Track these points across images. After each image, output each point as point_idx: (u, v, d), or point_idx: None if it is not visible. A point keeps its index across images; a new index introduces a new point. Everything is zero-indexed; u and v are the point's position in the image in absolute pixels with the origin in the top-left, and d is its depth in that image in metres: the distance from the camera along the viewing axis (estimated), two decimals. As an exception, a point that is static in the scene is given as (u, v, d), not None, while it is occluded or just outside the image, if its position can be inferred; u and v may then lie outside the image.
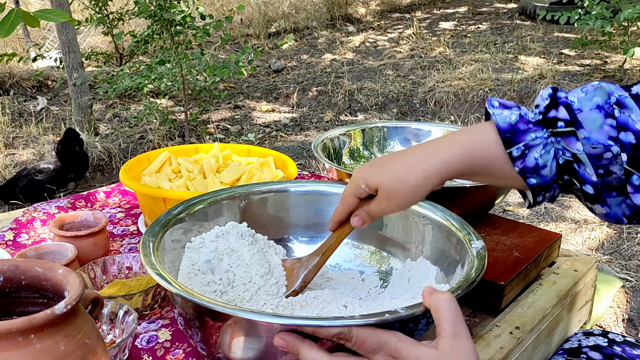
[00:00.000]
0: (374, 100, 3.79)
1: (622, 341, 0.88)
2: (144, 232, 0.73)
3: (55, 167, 2.68)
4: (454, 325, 0.54)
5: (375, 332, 0.55)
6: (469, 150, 0.63)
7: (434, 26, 5.75)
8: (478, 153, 0.63)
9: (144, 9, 3.18)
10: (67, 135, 2.73)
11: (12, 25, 1.20)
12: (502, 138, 0.61)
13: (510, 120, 0.61)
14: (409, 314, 0.56)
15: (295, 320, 0.56)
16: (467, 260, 0.69)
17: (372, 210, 0.69)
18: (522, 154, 0.61)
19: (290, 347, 0.56)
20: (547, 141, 0.60)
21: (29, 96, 4.17)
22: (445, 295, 0.56)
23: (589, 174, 0.59)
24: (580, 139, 0.58)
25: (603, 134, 0.57)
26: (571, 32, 5.01)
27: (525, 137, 0.61)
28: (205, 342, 0.64)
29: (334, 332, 0.55)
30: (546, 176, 0.61)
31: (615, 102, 0.58)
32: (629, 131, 0.57)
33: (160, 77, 3.15)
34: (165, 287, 0.61)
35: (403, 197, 0.65)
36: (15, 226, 1.13)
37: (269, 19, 5.80)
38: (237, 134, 3.47)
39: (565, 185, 0.62)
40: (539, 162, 0.60)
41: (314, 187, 0.91)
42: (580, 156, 0.58)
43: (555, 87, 0.62)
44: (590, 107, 0.58)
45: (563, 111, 0.59)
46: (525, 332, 0.83)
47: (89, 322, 0.56)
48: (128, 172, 1.06)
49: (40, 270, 0.57)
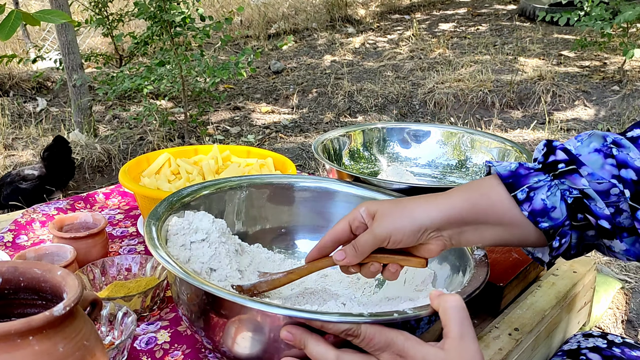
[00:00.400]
0: (374, 102, 3.79)
1: (621, 342, 0.88)
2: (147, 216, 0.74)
3: (40, 174, 2.59)
4: (461, 326, 0.54)
5: (383, 330, 0.55)
6: (473, 189, 0.62)
7: (434, 27, 5.76)
8: (481, 192, 0.62)
9: (144, 10, 3.18)
10: (55, 142, 2.65)
11: (12, 28, 1.20)
12: (505, 184, 0.61)
13: (510, 168, 0.62)
14: (417, 314, 0.57)
15: (305, 314, 0.56)
16: (468, 267, 0.69)
17: (359, 239, 0.64)
18: (528, 197, 0.60)
19: (297, 341, 0.57)
20: (551, 184, 0.60)
21: (29, 97, 4.17)
22: (454, 297, 0.56)
23: (600, 208, 0.58)
24: (584, 176, 0.58)
25: (605, 172, 0.58)
26: (571, 34, 5.02)
27: (528, 180, 0.61)
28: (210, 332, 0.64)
29: (343, 328, 0.55)
30: (557, 219, 0.60)
31: (612, 142, 0.59)
32: (629, 168, 0.58)
33: (160, 78, 3.15)
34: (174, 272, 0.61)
35: (397, 219, 0.62)
36: (15, 227, 1.13)
37: (268, 20, 5.81)
38: (236, 135, 3.47)
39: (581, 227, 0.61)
40: (546, 203, 0.60)
41: (320, 184, 0.91)
42: (587, 191, 0.58)
43: (549, 139, 0.63)
44: (589, 151, 0.60)
45: (561, 153, 0.60)
46: (525, 334, 0.83)
47: (88, 324, 0.56)
48: (127, 174, 1.06)
49: (39, 271, 0.57)
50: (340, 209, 0.90)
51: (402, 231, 0.61)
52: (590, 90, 3.74)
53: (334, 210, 0.90)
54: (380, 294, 0.79)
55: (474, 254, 0.71)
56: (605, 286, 1.42)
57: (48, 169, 2.62)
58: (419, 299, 0.69)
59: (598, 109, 3.53)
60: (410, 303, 0.69)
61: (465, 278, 0.68)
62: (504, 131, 3.36)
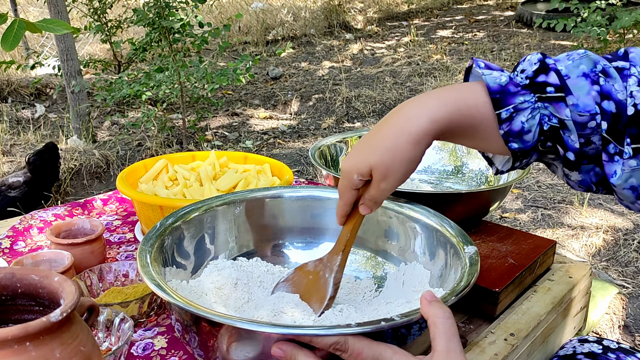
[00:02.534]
0: (372, 108, 3.80)
1: (616, 348, 0.88)
2: (141, 242, 0.74)
3: (25, 179, 2.54)
4: (448, 342, 0.55)
5: (372, 345, 0.55)
6: (459, 107, 0.62)
7: (432, 34, 5.78)
8: (467, 111, 0.62)
9: (143, 17, 3.19)
10: (45, 148, 2.62)
11: (16, 38, 1.21)
12: (492, 99, 0.61)
13: (500, 82, 0.61)
14: (404, 321, 0.57)
15: (292, 330, 0.56)
16: (460, 266, 0.70)
17: (373, 195, 0.68)
18: (510, 117, 0.60)
19: (288, 357, 0.57)
20: (534, 106, 0.60)
21: (27, 104, 4.18)
22: (443, 311, 0.56)
23: (572, 141, 0.59)
24: (568, 105, 0.58)
25: (590, 99, 0.58)
26: (568, 40, 5.04)
27: (515, 100, 0.60)
28: (202, 349, 0.64)
29: (330, 342, 0.55)
30: (528, 142, 0.61)
31: (600, 71, 0.59)
32: (611, 100, 0.57)
33: (158, 84, 3.16)
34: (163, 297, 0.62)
35: (400, 169, 0.63)
36: (12, 234, 1.13)
37: (267, 26, 5.83)
38: (235, 141, 3.48)
39: (544, 152, 0.63)
40: (524, 126, 0.60)
41: (309, 193, 0.91)
42: (567, 123, 0.58)
43: (544, 53, 0.62)
44: (577, 74, 0.59)
45: (554, 76, 0.59)
46: (520, 339, 0.83)
47: (85, 330, 0.56)
48: (125, 180, 1.07)
49: (36, 278, 0.57)
50: (331, 217, 0.90)
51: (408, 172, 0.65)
52: (587, 96, 3.75)
53: (325, 218, 0.90)
54: (380, 297, 0.80)
55: (465, 252, 0.72)
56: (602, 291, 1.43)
57: (33, 173, 2.56)
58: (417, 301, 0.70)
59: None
60: (408, 306, 0.70)
61: (457, 275, 0.68)
62: (501, 137, 3.36)
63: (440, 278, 0.75)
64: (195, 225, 0.83)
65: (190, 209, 0.84)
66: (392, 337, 0.58)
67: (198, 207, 0.85)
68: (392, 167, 0.63)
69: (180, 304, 0.60)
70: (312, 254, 0.88)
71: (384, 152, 0.63)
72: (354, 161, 0.66)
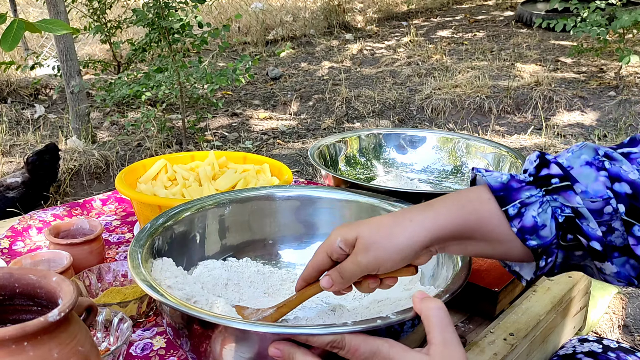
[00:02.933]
0: (372, 108, 3.80)
1: (616, 347, 0.88)
2: (131, 243, 0.74)
3: (23, 180, 2.51)
4: (444, 332, 0.55)
5: (368, 340, 0.55)
6: (463, 203, 0.60)
7: (431, 34, 5.78)
8: (471, 207, 0.59)
9: (142, 17, 3.19)
10: (46, 149, 2.59)
11: (16, 38, 1.21)
12: (496, 197, 0.59)
13: (502, 180, 0.59)
14: (400, 319, 0.57)
15: (288, 329, 0.56)
16: (452, 264, 0.70)
17: (344, 267, 0.62)
18: (519, 213, 0.58)
19: (286, 356, 0.57)
20: (542, 199, 0.58)
21: (27, 104, 4.18)
22: (435, 303, 0.56)
23: (593, 229, 0.56)
24: (578, 193, 0.56)
25: (600, 184, 0.56)
26: (567, 40, 5.04)
27: (520, 195, 0.58)
28: (195, 351, 0.64)
29: (327, 340, 0.55)
30: (546, 237, 0.58)
31: (604, 155, 0.58)
32: (622, 182, 0.56)
33: (158, 85, 3.16)
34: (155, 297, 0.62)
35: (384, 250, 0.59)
36: (11, 234, 1.13)
37: (266, 27, 5.82)
38: (234, 142, 3.48)
39: (569, 247, 0.59)
40: (537, 221, 0.57)
41: (301, 192, 0.91)
42: (581, 210, 0.56)
43: (541, 151, 0.61)
44: (580, 163, 0.57)
45: (555, 167, 0.58)
46: (520, 339, 0.83)
47: (83, 330, 0.56)
48: (124, 180, 1.07)
49: (34, 277, 0.57)
50: (322, 215, 0.90)
51: (392, 260, 0.60)
52: (587, 95, 3.75)
53: (317, 217, 0.90)
54: (370, 296, 0.80)
55: None
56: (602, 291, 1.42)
57: (32, 173, 2.54)
58: (408, 299, 0.70)
59: (595, 115, 3.55)
60: (399, 304, 0.70)
61: (450, 273, 0.68)
62: (501, 137, 3.37)
63: (432, 277, 0.75)
64: (185, 225, 0.83)
65: (181, 209, 0.84)
66: (386, 334, 0.58)
67: (189, 207, 0.85)
68: (378, 244, 0.60)
69: (173, 304, 0.60)
70: (304, 253, 0.88)
71: (378, 227, 0.61)
72: (345, 228, 0.63)
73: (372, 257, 0.60)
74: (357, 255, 0.61)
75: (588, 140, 3.22)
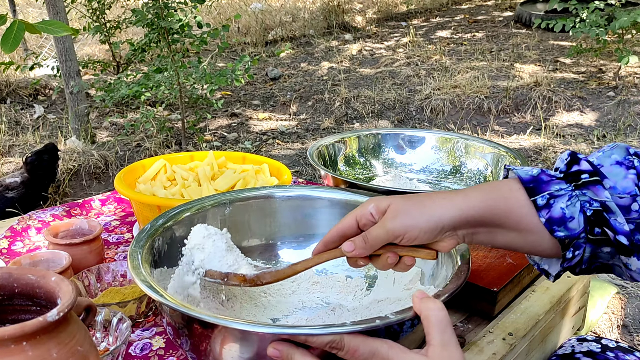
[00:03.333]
0: (371, 108, 3.80)
1: (615, 347, 0.88)
2: (131, 244, 0.74)
3: (22, 180, 2.51)
4: (443, 334, 0.55)
5: (367, 341, 0.55)
6: (493, 190, 0.61)
7: (431, 34, 5.78)
8: (500, 194, 0.61)
9: (142, 17, 3.19)
10: (45, 149, 2.58)
11: (16, 40, 1.21)
12: (525, 188, 0.60)
13: (532, 173, 0.61)
14: (399, 319, 0.57)
15: (287, 330, 0.56)
16: (452, 263, 0.70)
17: (370, 231, 0.62)
18: (547, 203, 0.59)
19: (285, 356, 0.57)
20: (572, 193, 0.59)
21: (26, 104, 4.18)
22: (435, 304, 0.56)
23: (620, 224, 0.57)
24: (606, 188, 0.58)
25: (629, 182, 0.57)
26: (566, 40, 5.04)
27: (550, 187, 0.59)
28: (194, 351, 0.64)
29: (326, 341, 0.55)
30: (574, 230, 0.59)
31: (634, 153, 0.59)
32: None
33: (157, 85, 3.16)
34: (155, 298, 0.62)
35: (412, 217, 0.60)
36: (10, 234, 1.13)
37: (266, 27, 5.82)
38: (234, 142, 3.48)
39: (597, 242, 0.60)
40: (565, 212, 0.58)
41: (300, 192, 0.91)
42: (609, 204, 0.57)
43: (573, 151, 0.62)
44: (611, 162, 0.59)
45: (585, 164, 0.60)
46: (519, 338, 0.83)
47: (82, 330, 0.56)
48: (123, 180, 1.07)
49: (33, 277, 0.57)
50: (322, 215, 0.90)
51: (419, 228, 0.60)
52: (586, 96, 3.75)
53: (317, 217, 0.90)
54: (370, 296, 0.80)
55: (457, 249, 0.72)
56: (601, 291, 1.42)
57: (31, 173, 2.53)
58: (408, 299, 0.70)
59: (594, 115, 3.55)
60: (399, 304, 0.70)
61: (449, 273, 0.68)
62: (500, 137, 3.37)
63: (432, 277, 0.75)
64: (185, 226, 0.83)
65: (181, 210, 0.84)
66: (385, 334, 0.58)
67: (188, 207, 0.85)
68: (407, 212, 0.60)
69: (172, 304, 0.60)
70: (303, 253, 0.88)
71: (411, 200, 0.62)
72: (378, 198, 0.64)
73: (400, 223, 0.60)
74: (386, 221, 0.61)
75: (587, 140, 3.22)
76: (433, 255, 0.63)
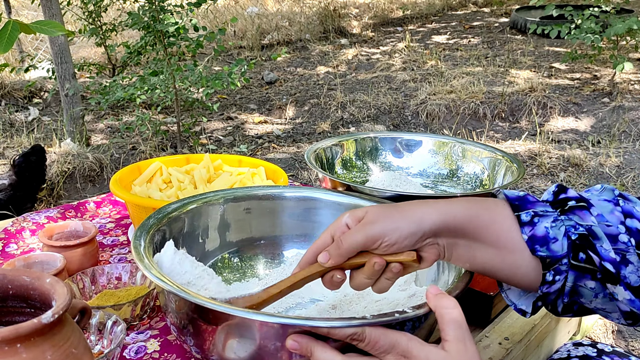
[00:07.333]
0: (367, 113, 3.80)
1: (611, 351, 0.88)
2: (133, 237, 0.74)
3: (10, 182, 2.47)
4: (459, 329, 0.56)
5: (387, 333, 0.56)
6: (477, 200, 0.62)
7: (427, 39, 5.80)
8: (484, 206, 0.61)
9: (138, 20, 3.19)
10: (32, 150, 2.55)
11: (10, 39, 1.20)
12: (511, 204, 0.60)
13: (518, 194, 0.61)
14: (418, 314, 0.58)
15: (309, 322, 0.56)
16: (456, 269, 0.70)
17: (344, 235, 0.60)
18: (532, 221, 0.58)
19: (304, 349, 0.57)
20: (557, 217, 0.59)
21: (21, 106, 4.16)
22: (449, 301, 0.57)
23: (606, 250, 0.56)
24: (593, 215, 0.58)
25: (614, 218, 0.58)
26: (561, 46, 5.06)
27: (535, 207, 0.60)
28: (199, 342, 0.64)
29: (349, 333, 0.56)
30: (557, 252, 0.58)
31: (618, 195, 0.60)
32: (634, 218, 0.58)
33: (153, 88, 3.15)
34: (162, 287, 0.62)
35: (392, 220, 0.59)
36: (4, 236, 1.12)
37: (262, 31, 5.83)
38: (229, 145, 3.47)
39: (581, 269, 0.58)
40: (549, 232, 0.58)
41: (306, 194, 0.92)
42: (595, 230, 0.57)
43: (561, 183, 0.62)
44: (599, 198, 0.60)
45: (572, 192, 0.61)
46: (514, 343, 0.83)
47: (76, 332, 0.55)
48: (119, 182, 1.06)
49: (27, 279, 0.57)
50: (325, 218, 0.90)
51: (400, 231, 0.58)
52: (581, 102, 3.77)
53: (320, 218, 0.91)
54: (367, 297, 0.80)
55: None
56: (595, 296, 1.43)
57: (19, 175, 2.50)
58: (405, 299, 0.70)
59: (589, 121, 3.56)
60: (398, 304, 0.70)
61: (451, 278, 0.69)
62: (495, 142, 3.38)
63: (434, 282, 0.75)
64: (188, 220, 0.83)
65: (185, 203, 0.84)
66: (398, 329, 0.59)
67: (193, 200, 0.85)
68: (388, 215, 0.59)
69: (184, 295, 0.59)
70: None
71: (388, 205, 0.61)
72: (354, 210, 0.63)
73: (379, 227, 0.59)
74: (363, 225, 0.60)
75: (582, 146, 3.24)
76: (413, 256, 0.59)
